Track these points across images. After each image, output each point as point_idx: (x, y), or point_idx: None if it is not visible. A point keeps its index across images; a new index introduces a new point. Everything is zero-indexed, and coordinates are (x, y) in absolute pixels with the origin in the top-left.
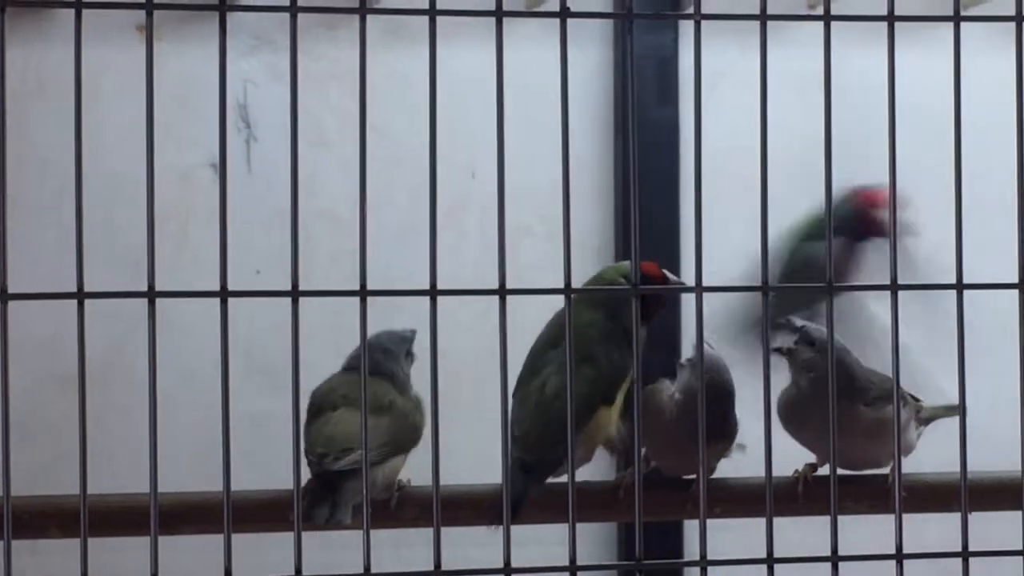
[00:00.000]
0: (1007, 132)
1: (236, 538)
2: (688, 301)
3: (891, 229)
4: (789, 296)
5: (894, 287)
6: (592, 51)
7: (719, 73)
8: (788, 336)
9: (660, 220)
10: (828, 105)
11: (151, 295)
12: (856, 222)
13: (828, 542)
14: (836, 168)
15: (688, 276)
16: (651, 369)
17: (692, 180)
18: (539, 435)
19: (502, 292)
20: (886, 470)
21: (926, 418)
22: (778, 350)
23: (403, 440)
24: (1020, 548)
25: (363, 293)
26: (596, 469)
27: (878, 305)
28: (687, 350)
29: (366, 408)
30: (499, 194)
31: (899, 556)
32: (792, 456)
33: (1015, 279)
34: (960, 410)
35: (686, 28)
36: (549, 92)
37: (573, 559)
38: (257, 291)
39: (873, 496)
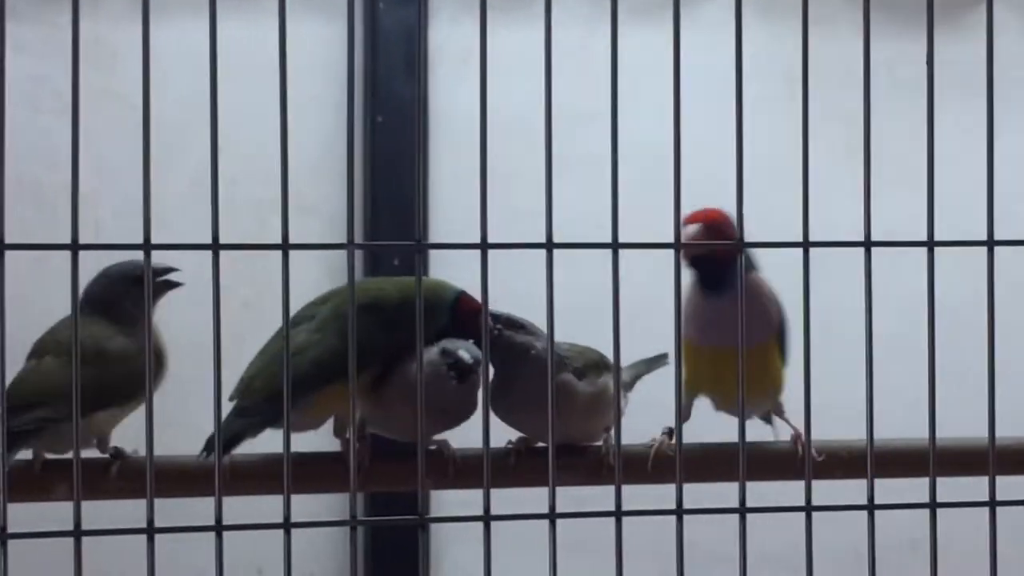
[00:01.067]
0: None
1: None
2: (441, 271)
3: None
4: None
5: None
6: (339, 24)
7: (470, 50)
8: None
9: (407, 193)
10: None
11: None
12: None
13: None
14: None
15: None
16: None
17: (443, 155)
18: (263, 383)
19: (215, 247)
20: (599, 442)
21: (630, 380)
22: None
23: (113, 391)
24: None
25: (75, 247)
26: None
27: None
28: None
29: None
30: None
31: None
32: None
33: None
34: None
35: (436, 3)
36: (295, 65)
37: (287, 516)
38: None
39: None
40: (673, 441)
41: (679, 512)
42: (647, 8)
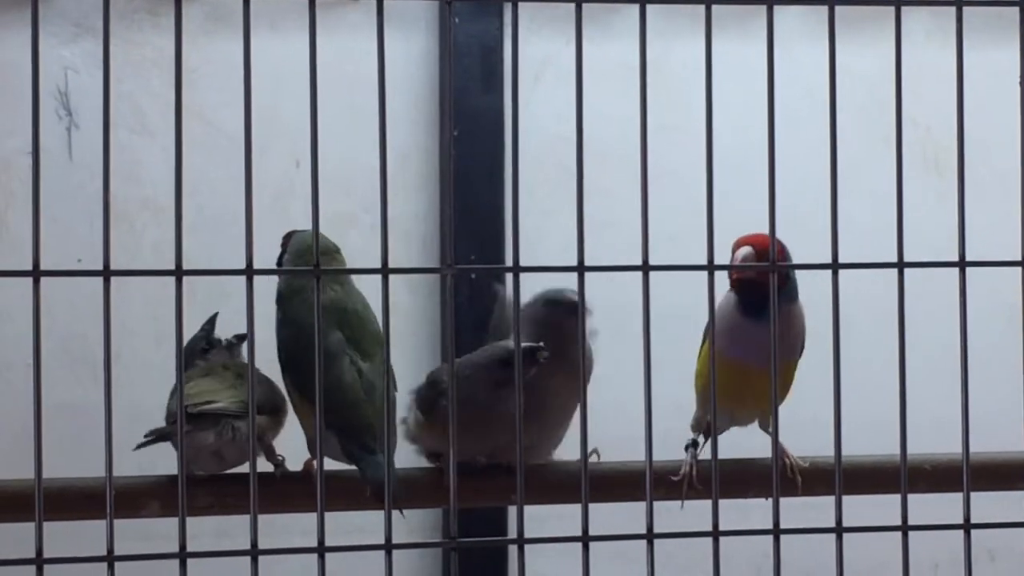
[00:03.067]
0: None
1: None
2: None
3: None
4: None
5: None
6: (417, 40)
7: (544, 62)
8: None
9: (485, 209)
10: (644, 89)
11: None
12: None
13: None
14: (657, 154)
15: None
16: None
17: (520, 170)
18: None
19: (316, 272)
20: None
21: None
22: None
23: (264, 399)
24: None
25: (179, 273)
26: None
27: None
28: None
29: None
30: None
31: (776, 531)
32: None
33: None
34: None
35: (509, 18)
36: (373, 81)
37: (388, 538)
38: (71, 271)
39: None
40: (700, 458)
41: (776, 532)
42: (722, 23)
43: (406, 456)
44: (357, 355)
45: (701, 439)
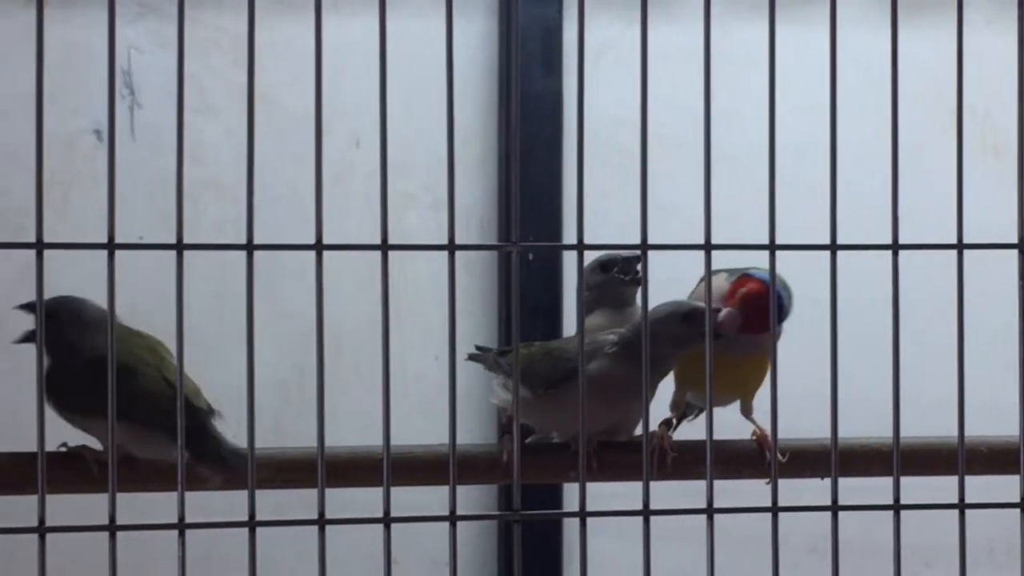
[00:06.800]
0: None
1: None
2: (572, 267)
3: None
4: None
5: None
6: (477, 21)
7: (604, 45)
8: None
9: (544, 190)
10: (707, 77)
11: (39, 247)
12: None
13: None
14: (716, 138)
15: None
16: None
17: (576, 151)
18: None
19: (384, 247)
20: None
21: None
22: None
23: None
24: (891, 503)
25: (250, 247)
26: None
27: None
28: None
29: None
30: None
31: (835, 508)
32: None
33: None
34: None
35: (569, 0)
36: (433, 62)
37: (453, 510)
38: (142, 244)
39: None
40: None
41: (834, 508)
42: (784, 6)
43: (467, 433)
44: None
45: (675, 421)
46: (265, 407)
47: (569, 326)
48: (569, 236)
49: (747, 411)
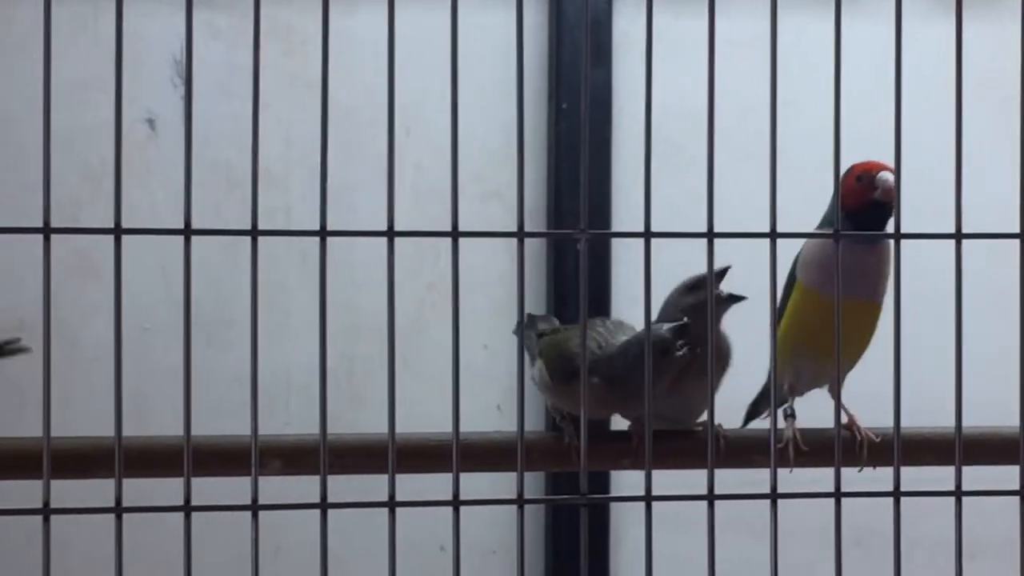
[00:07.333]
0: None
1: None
2: (619, 256)
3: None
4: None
5: (959, 235)
6: (526, 12)
7: (654, 37)
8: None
9: (593, 182)
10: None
11: (117, 232)
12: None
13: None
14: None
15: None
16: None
17: (626, 142)
18: None
19: (455, 234)
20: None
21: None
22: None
23: None
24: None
25: (323, 233)
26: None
27: None
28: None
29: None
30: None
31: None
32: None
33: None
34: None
35: None
36: (481, 54)
37: (520, 493)
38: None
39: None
40: (797, 426)
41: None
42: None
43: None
44: None
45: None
46: (314, 395)
47: (617, 314)
48: (618, 226)
49: (837, 388)
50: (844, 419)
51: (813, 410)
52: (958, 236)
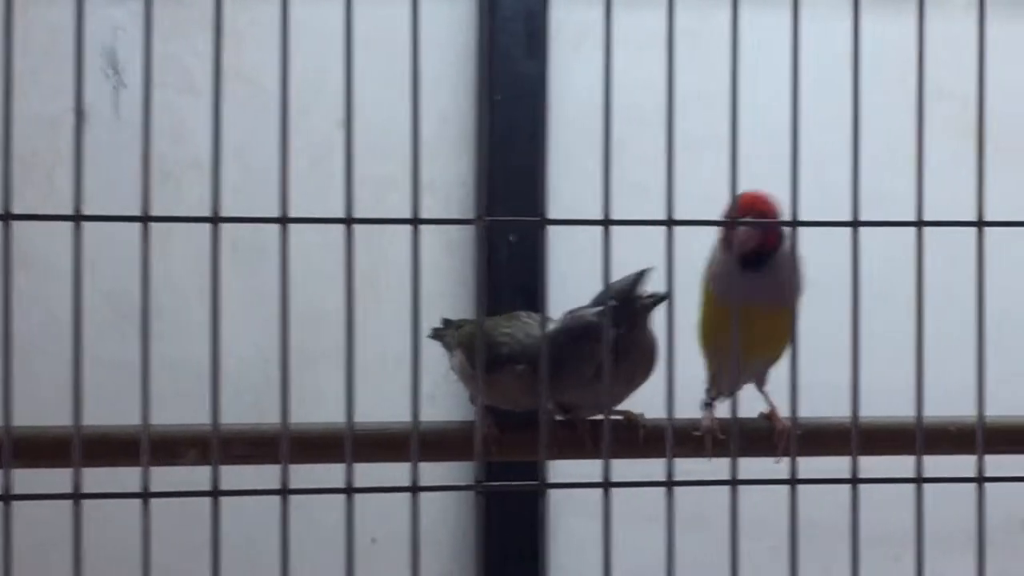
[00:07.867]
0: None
1: None
2: (556, 243)
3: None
4: None
5: (856, 223)
6: (459, 2)
7: (586, 30)
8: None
9: (527, 173)
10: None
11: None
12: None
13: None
14: (697, 121)
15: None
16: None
17: (560, 134)
18: None
19: (349, 221)
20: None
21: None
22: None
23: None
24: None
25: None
26: None
27: None
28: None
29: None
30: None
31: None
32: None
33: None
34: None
35: None
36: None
37: (415, 481)
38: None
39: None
40: (715, 416)
41: (792, 482)
42: None
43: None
44: None
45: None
46: (248, 386)
47: (554, 308)
48: (552, 215)
49: (763, 382)
50: (766, 409)
51: (745, 403)
52: (855, 224)
